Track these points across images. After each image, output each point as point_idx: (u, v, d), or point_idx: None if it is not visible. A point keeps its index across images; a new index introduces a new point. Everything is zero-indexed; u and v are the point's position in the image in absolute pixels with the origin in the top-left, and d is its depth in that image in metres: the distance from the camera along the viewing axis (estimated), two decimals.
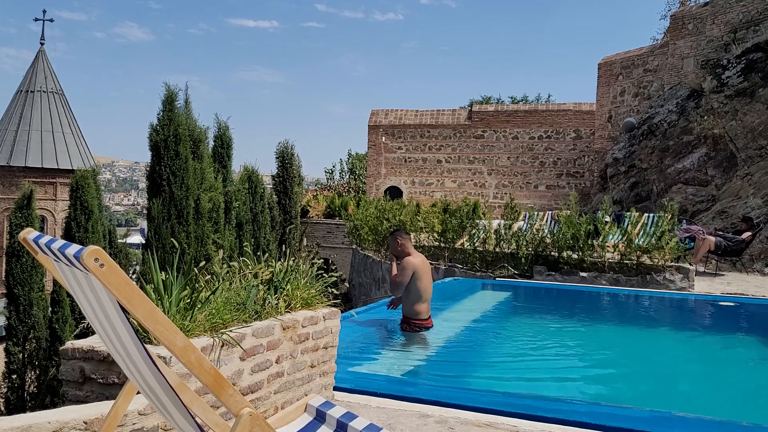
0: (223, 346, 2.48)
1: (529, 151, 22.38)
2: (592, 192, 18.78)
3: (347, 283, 17.09)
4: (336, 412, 2.16)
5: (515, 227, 9.99)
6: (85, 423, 2.01)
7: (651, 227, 9.88)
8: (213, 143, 14.18)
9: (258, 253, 3.53)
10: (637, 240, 9.12)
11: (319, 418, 2.20)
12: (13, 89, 22.04)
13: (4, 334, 12.29)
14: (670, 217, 9.26)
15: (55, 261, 1.67)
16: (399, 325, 5.82)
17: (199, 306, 2.53)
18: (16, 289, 11.66)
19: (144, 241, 11.88)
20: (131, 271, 16.62)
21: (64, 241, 1.54)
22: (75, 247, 1.44)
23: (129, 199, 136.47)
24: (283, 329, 2.84)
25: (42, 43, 22.02)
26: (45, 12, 22.08)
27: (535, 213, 12.29)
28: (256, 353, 2.67)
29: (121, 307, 1.47)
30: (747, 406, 4.31)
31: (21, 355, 11.75)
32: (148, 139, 11.30)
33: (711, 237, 9.74)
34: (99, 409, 2.09)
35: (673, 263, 8.67)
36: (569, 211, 9.79)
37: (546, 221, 11.62)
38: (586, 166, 21.49)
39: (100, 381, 2.31)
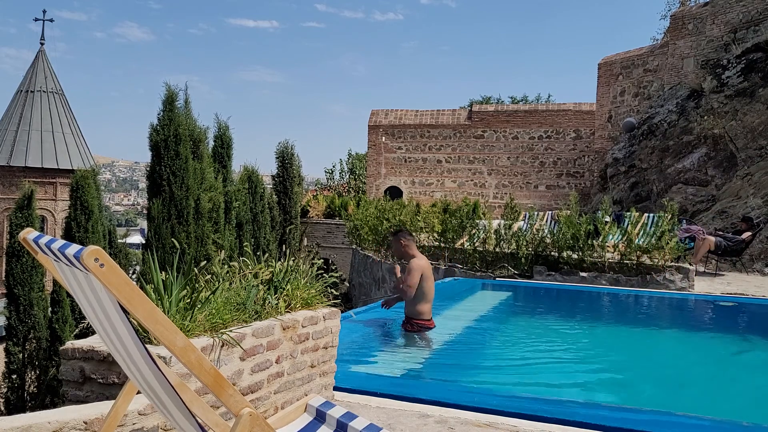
0: (223, 346, 2.48)
1: (529, 151, 22.38)
2: (592, 192, 18.78)
3: (347, 283, 17.09)
4: (336, 412, 2.16)
5: (515, 227, 9.99)
6: (85, 423, 2.01)
7: (651, 227, 9.88)
8: (213, 143, 14.20)
9: (258, 253, 3.53)
10: (637, 240, 9.12)
11: (319, 418, 2.20)
12: (13, 89, 22.09)
13: (4, 334, 12.29)
14: (670, 217, 9.26)
15: (55, 261, 1.67)
16: (401, 325, 5.82)
17: (199, 306, 2.53)
18: (16, 289, 11.66)
19: (144, 241, 11.89)
20: (131, 271, 16.63)
21: (64, 241, 1.54)
22: (75, 247, 1.44)
23: (129, 199, 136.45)
24: (283, 329, 2.84)
25: (42, 43, 22.03)
26: (45, 12, 22.12)
27: (535, 213, 12.29)
28: (256, 353, 2.67)
29: (121, 307, 1.47)
30: (747, 406, 4.31)
31: (21, 355, 11.75)
32: (148, 139, 11.31)
33: (711, 237, 9.74)
34: (99, 409, 2.09)
35: (673, 263, 8.67)
36: (569, 211, 9.79)
37: (546, 221, 11.63)
38: (586, 166, 21.49)
39: (100, 381, 2.31)
